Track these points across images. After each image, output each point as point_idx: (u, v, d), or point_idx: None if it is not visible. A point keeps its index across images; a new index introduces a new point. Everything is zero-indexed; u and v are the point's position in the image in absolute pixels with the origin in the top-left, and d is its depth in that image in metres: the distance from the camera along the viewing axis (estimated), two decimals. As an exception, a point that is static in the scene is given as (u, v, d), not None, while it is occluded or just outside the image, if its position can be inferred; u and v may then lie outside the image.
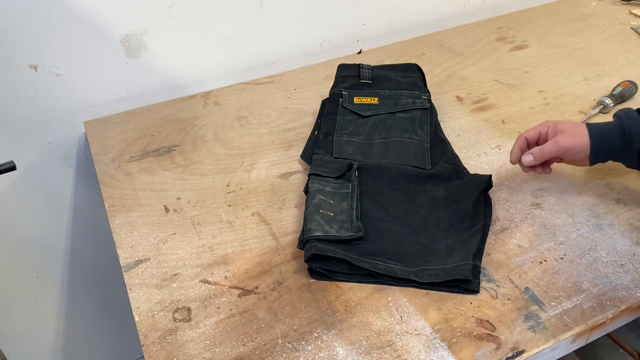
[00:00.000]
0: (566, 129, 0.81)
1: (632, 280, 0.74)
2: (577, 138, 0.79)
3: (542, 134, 0.83)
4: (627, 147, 0.78)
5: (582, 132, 0.80)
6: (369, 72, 1.09)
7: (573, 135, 0.80)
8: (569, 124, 0.82)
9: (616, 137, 0.79)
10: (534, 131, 0.84)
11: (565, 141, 0.80)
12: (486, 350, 0.66)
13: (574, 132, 0.80)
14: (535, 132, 0.83)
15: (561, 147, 0.80)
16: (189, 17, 1.13)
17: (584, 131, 0.80)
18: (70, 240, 1.28)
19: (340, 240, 0.76)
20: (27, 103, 1.07)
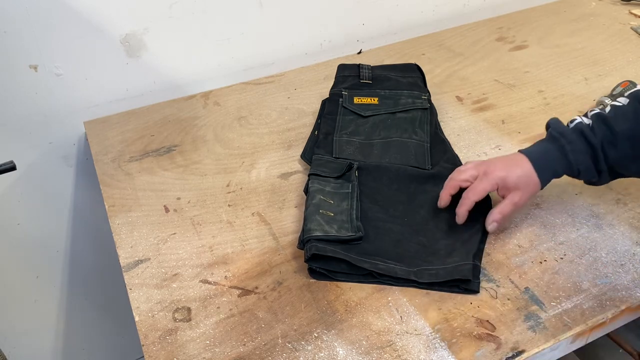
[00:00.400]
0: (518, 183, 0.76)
1: (632, 280, 0.74)
2: (531, 189, 0.76)
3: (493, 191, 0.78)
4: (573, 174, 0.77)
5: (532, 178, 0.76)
6: (369, 72, 1.09)
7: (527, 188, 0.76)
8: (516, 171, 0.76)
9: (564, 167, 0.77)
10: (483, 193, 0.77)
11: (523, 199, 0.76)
12: (486, 350, 0.66)
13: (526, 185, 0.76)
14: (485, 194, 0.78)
15: (519, 206, 0.77)
16: (189, 17, 1.13)
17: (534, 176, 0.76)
18: (70, 240, 1.28)
19: (340, 240, 0.76)
20: (27, 103, 1.07)
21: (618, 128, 0.74)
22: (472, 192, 0.77)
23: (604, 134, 0.75)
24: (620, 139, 0.74)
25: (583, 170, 0.76)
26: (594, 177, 0.77)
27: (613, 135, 0.74)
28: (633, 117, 0.74)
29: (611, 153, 0.75)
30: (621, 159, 0.75)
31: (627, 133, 0.73)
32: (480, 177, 0.78)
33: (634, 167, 0.76)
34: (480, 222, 0.81)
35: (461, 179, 0.79)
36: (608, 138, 0.74)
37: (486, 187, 0.77)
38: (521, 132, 1.02)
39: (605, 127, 0.75)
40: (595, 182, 0.79)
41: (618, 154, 0.74)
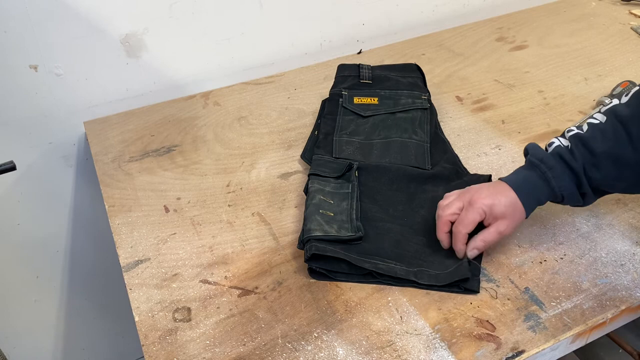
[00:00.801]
0: (505, 212, 0.73)
1: (632, 280, 0.74)
2: (516, 217, 0.74)
3: (480, 220, 0.75)
4: (557, 200, 0.76)
5: (517, 206, 0.73)
6: (369, 72, 1.09)
7: (512, 217, 0.74)
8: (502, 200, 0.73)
9: (548, 196, 0.75)
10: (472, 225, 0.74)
11: (509, 227, 0.74)
12: (486, 350, 0.66)
13: (512, 214, 0.73)
14: (474, 225, 0.74)
15: (504, 235, 0.74)
16: (189, 17, 1.13)
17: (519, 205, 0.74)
18: (70, 240, 1.28)
19: (340, 240, 0.76)
20: (27, 103, 1.07)
21: (598, 149, 0.71)
22: (462, 225, 0.74)
23: (584, 157, 0.72)
24: (602, 160, 0.71)
25: (567, 195, 0.74)
26: (578, 202, 0.75)
27: (594, 157, 0.72)
28: (613, 136, 0.71)
29: (594, 175, 0.72)
30: (605, 179, 0.72)
31: (608, 153, 0.71)
32: (466, 207, 0.74)
33: (620, 185, 0.73)
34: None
35: (449, 214, 0.75)
36: (590, 161, 0.72)
37: (475, 218, 0.73)
38: (521, 132, 1.02)
39: (584, 150, 0.72)
40: (581, 205, 0.77)
41: (601, 174, 0.72)
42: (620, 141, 0.70)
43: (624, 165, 0.71)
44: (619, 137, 0.70)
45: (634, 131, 0.70)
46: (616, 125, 0.71)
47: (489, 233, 0.74)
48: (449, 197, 0.78)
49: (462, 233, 0.74)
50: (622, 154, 0.70)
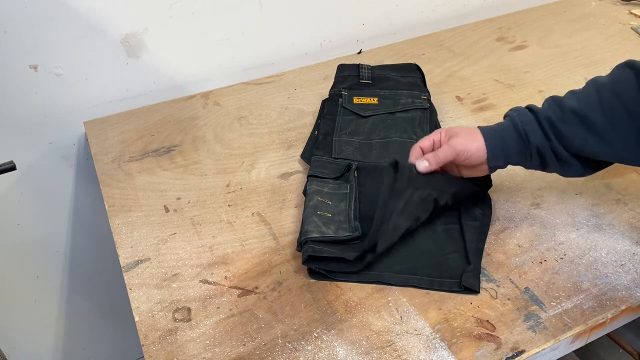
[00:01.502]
0: (460, 132, 0.78)
1: (632, 280, 0.74)
2: (471, 139, 0.76)
3: (436, 141, 0.79)
4: (523, 145, 0.75)
5: (476, 134, 0.77)
6: (369, 72, 1.09)
7: (467, 136, 0.77)
8: (463, 128, 0.79)
9: (511, 135, 0.76)
10: (427, 140, 0.80)
11: (459, 142, 0.76)
12: (486, 350, 0.66)
13: (467, 134, 0.77)
14: (429, 141, 0.80)
15: (455, 149, 0.76)
16: (189, 17, 1.13)
17: (478, 133, 0.77)
18: (70, 240, 1.28)
19: (337, 241, 0.76)
20: (27, 103, 1.07)
21: (567, 105, 0.74)
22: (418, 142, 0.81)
23: (553, 110, 0.74)
24: (568, 115, 0.73)
25: (532, 137, 0.74)
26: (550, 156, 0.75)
27: (562, 111, 0.74)
28: (584, 98, 0.74)
29: (563, 128, 0.73)
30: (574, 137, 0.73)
31: (575, 110, 0.73)
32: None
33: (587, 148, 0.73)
34: (479, 220, 0.81)
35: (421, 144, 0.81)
36: (557, 115, 0.74)
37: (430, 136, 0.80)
38: (521, 132, 1.02)
39: (555, 106, 0.75)
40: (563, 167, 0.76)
41: (569, 129, 0.73)
42: (590, 103, 0.73)
43: (590, 125, 0.72)
44: (591, 99, 0.73)
45: (605, 95, 0.72)
46: (590, 88, 0.75)
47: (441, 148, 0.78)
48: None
49: (416, 146, 0.80)
50: (589, 114, 0.72)
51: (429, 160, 0.77)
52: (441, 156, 0.77)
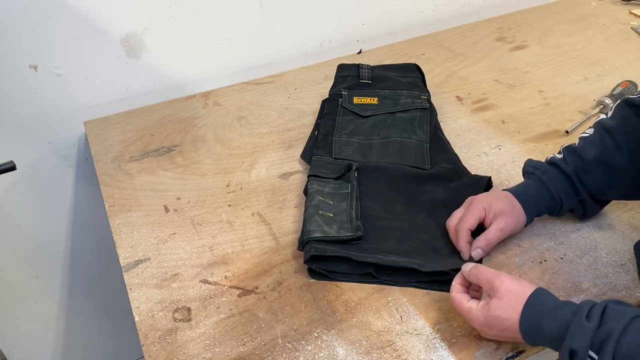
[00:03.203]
0: (503, 209, 0.76)
1: (632, 280, 0.74)
2: (515, 216, 0.76)
3: (481, 219, 0.76)
4: (554, 204, 0.78)
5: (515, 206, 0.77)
6: (369, 72, 1.09)
7: (511, 215, 0.76)
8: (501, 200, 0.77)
9: (544, 198, 0.78)
10: (473, 219, 0.76)
11: (509, 224, 0.76)
12: (486, 350, 0.66)
13: (511, 212, 0.76)
14: (475, 220, 0.76)
15: (506, 233, 0.76)
16: (189, 17, 1.13)
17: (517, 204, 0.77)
18: (70, 240, 1.28)
19: (339, 241, 0.76)
20: (27, 103, 1.07)
21: (588, 155, 0.77)
22: (463, 221, 0.76)
23: (575, 163, 0.78)
24: (592, 165, 0.77)
25: (564, 197, 0.78)
26: (578, 208, 0.79)
27: (585, 163, 0.77)
28: (600, 144, 0.77)
29: (587, 180, 0.77)
30: (599, 184, 0.77)
31: (597, 158, 0.76)
32: (467, 208, 0.78)
33: (615, 191, 0.78)
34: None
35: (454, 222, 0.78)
36: (581, 166, 0.77)
37: (475, 214, 0.76)
38: (521, 132, 1.02)
39: (575, 157, 0.78)
40: (585, 213, 0.81)
41: (594, 179, 0.77)
42: (608, 148, 0.76)
43: (615, 171, 0.76)
44: (607, 144, 0.76)
45: (619, 139, 0.76)
46: (603, 134, 0.77)
47: (490, 231, 0.75)
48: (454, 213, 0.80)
49: (463, 229, 0.76)
50: (611, 160, 0.76)
51: (484, 249, 0.75)
52: (493, 242, 0.76)
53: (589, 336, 0.55)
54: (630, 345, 0.53)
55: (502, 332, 0.63)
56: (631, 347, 0.53)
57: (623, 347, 0.53)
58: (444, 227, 0.81)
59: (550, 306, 0.61)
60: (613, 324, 0.55)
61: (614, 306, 0.57)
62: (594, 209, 0.80)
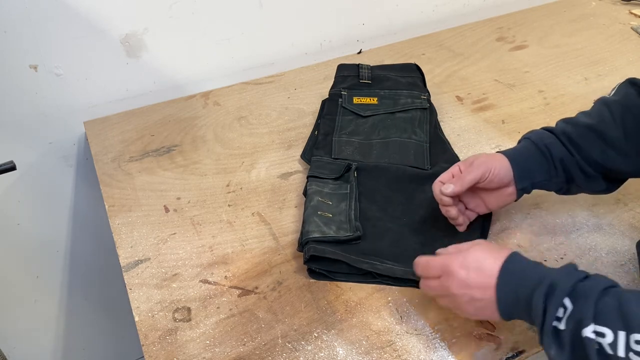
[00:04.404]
0: (480, 155, 0.76)
1: (632, 280, 0.74)
2: (494, 159, 0.75)
3: (455, 173, 0.76)
4: (546, 160, 0.75)
5: (498, 155, 0.76)
6: (369, 72, 1.09)
7: (488, 157, 0.75)
8: (482, 153, 0.77)
9: (533, 153, 0.75)
10: (446, 174, 0.77)
11: (482, 161, 0.74)
12: (486, 350, 0.66)
13: (488, 155, 0.76)
14: (448, 174, 0.76)
15: (479, 168, 0.73)
16: (189, 17, 1.13)
17: (500, 155, 0.76)
18: (70, 240, 1.28)
19: (338, 241, 0.76)
20: (27, 103, 1.07)
21: (581, 123, 0.75)
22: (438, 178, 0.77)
23: (567, 127, 0.76)
24: (585, 131, 0.74)
25: (553, 149, 0.74)
26: (576, 170, 0.74)
27: (575, 128, 0.75)
28: (596, 114, 0.75)
29: (581, 143, 0.74)
30: (593, 148, 0.73)
31: (591, 126, 0.74)
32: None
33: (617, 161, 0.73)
34: (478, 221, 0.81)
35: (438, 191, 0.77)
36: (570, 130, 0.75)
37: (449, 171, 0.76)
38: (521, 132, 1.01)
39: (567, 124, 0.76)
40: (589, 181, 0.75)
41: (588, 145, 0.73)
42: (603, 118, 0.74)
43: (608, 140, 0.73)
44: (604, 116, 0.75)
45: (617, 112, 0.74)
46: (601, 107, 0.76)
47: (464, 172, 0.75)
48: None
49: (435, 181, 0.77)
50: (605, 130, 0.73)
51: (454, 183, 0.74)
52: (466, 178, 0.74)
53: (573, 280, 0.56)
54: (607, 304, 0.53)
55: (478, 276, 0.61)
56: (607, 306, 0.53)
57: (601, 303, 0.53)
58: (442, 227, 0.81)
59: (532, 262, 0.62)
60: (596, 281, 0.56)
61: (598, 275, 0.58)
62: (598, 181, 0.75)
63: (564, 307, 0.55)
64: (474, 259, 0.62)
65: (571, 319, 0.54)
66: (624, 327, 0.51)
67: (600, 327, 0.52)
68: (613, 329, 0.52)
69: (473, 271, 0.61)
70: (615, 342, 0.51)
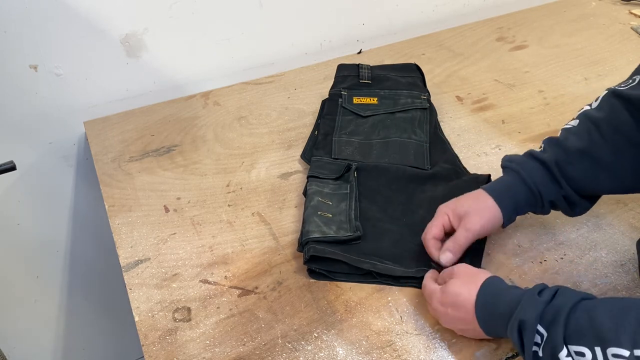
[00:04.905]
0: (468, 210, 0.73)
1: (632, 280, 0.74)
2: (483, 213, 0.72)
3: (445, 225, 0.74)
4: (534, 199, 0.73)
5: (486, 201, 0.73)
6: (369, 72, 1.09)
7: (478, 212, 0.72)
8: (468, 201, 0.74)
9: (520, 191, 0.73)
10: (436, 228, 0.74)
11: (474, 223, 0.72)
12: (486, 350, 0.66)
13: (477, 210, 0.73)
14: (439, 228, 0.74)
15: (474, 232, 0.72)
16: (189, 17, 1.13)
17: (487, 199, 0.73)
18: (70, 240, 1.28)
19: (338, 241, 0.76)
20: (27, 103, 1.07)
21: (572, 147, 0.72)
22: (427, 232, 0.75)
23: (557, 154, 0.73)
24: (576, 157, 0.71)
25: (543, 190, 0.72)
26: (561, 202, 0.74)
27: (568, 155, 0.72)
28: (587, 137, 0.71)
29: (570, 172, 0.72)
30: (584, 178, 0.72)
31: (582, 151, 0.71)
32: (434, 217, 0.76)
33: (598, 187, 0.73)
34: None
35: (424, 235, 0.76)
36: (563, 158, 0.72)
37: (438, 222, 0.74)
38: (521, 132, 1.02)
39: (557, 148, 0.73)
40: (573, 209, 0.75)
41: (578, 173, 0.72)
42: (594, 141, 0.71)
43: (600, 164, 0.71)
44: (593, 137, 0.71)
45: (606, 132, 0.71)
46: (590, 126, 0.72)
47: (457, 234, 0.73)
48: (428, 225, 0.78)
49: (428, 239, 0.74)
50: (597, 154, 0.71)
51: (453, 252, 0.72)
52: (463, 243, 0.72)
53: (539, 309, 0.57)
54: (579, 322, 0.54)
55: (456, 312, 0.64)
56: (579, 324, 0.54)
57: (572, 323, 0.54)
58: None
59: (504, 287, 0.64)
60: (563, 300, 0.57)
61: (565, 289, 0.60)
62: (582, 205, 0.75)
63: (540, 334, 0.56)
64: (450, 294, 0.65)
65: (547, 345, 0.55)
66: (598, 342, 0.52)
67: (577, 347, 0.53)
68: (589, 346, 0.52)
69: (450, 308, 0.65)
70: (595, 359, 0.52)
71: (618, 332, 0.51)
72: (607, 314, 0.53)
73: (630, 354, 0.50)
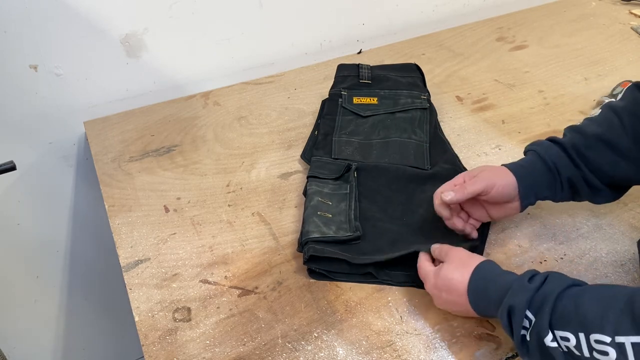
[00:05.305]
0: (486, 168, 0.76)
1: (632, 280, 0.74)
2: (499, 175, 0.74)
3: (458, 183, 0.76)
4: (553, 178, 0.74)
5: (504, 170, 0.75)
6: (369, 72, 1.09)
7: (494, 171, 0.75)
8: (488, 166, 0.77)
9: (539, 169, 0.74)
10: (448, 184, 0.77)
11: (486, 176, 0.73)
12: (486, 350, 0.66)
13: (494, 170, 0.75)
14: (450, 184, 0.76)
15: (483, 181, 0.73)
16: (189, 17, 1.13)
17: (506, 170, 0.75)
18: (70, 240, 1.28)
19: (338, 241, 0.76)
20: (27, 103, 1.07)
21: (590, 132, 0.74)
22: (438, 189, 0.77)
23: (575, 138, 0.75)
24: (594, 142, 0.73)
25: (561, 167, 0.74)
26: (582, 185, 0.74)
27: (586, 139, 0.74)
28: (605, 122, 0.74)
29: (589, 155, 0.73)
30: (605, 162, 0.73)
31: (600, 136, 0.73)
32: None
33: (629, 171, 0.73)
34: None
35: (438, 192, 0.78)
36: (580, 141, 0.74)
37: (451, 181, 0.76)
38: (521, 132, 1.02)
39: (576, 133, 0.75)
40: (594, 194, 0.76)
41: (597, 156, 0.73)
42: (613, 126, 0.73)
43: (618, 149, 0.72)
44: (612, 123, 0.74)
45: (626, 119, 0.73)
46: (609, 114, 0.75)
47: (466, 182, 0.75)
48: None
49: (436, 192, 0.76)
50: (615, 139, 0.73)
51: (456, 191, 0.73)
52: (468, 189, 0.73)
53: (528, 295, 0.58)
54: (565, 308, 0.56)
55: (450, 295, 0.66)
56: (565, 310, 0.56)
57: (559, 309, 0.56)
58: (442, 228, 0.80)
59: (496, 272, 0.65)
60: (552, 286, 0.58)
61: (555, 274, 0.61)
62: (606, 192, 0.75)
63: (528, 319, 0.58)
64: (444, 278, 0.67)
65: (534, 330, 0.57)
66: (582, 328, 0.53)
67: (562, 332, 0.55)
68: (573, 332, 0.54)
69: (444, 292, 0.67)
70: (579, 344, 0.53)
71: (602, 319, 0.52)
72: (592, 301, 0.55)
73: (612, 341, 0.51)
